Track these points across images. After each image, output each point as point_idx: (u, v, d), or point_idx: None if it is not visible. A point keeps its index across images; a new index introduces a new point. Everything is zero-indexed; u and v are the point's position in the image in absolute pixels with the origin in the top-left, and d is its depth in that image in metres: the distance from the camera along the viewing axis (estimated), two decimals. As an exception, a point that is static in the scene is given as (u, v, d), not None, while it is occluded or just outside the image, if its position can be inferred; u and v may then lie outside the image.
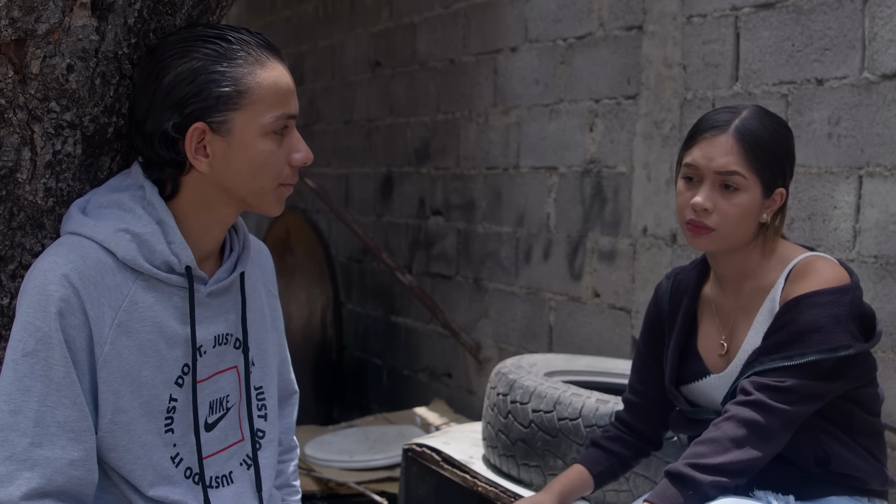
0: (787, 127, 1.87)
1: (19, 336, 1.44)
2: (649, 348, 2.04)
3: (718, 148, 1.81)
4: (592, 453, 2.06)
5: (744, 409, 1.74)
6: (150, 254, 1.50)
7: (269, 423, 1.70)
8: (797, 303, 1.76)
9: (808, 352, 1.73)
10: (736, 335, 1.88)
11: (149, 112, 1.49)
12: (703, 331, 1.94)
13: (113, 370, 1.47)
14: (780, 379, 1.73)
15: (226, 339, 1.61)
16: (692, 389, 1.94)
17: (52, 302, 1.43)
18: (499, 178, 4.07)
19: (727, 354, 1.89)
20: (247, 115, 1.48)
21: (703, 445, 1.74)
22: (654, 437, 2.09)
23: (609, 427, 2.11)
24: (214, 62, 1.47)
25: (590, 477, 2.02)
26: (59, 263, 1.45)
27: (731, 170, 1.79)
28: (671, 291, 2.00)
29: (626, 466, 2.08)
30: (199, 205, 1.54)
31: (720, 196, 1.80)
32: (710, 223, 1.80)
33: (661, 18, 3.22)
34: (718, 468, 1.72)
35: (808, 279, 1.78)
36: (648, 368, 2.04)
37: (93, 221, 1.48)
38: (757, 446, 1.73)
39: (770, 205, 1.83)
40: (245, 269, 1.64)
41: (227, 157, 1.50)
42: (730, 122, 1.83)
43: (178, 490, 1.54)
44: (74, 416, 1.44)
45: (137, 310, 1.49)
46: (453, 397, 4.38)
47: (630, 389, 2.09)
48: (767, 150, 1.81)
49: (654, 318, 2.04)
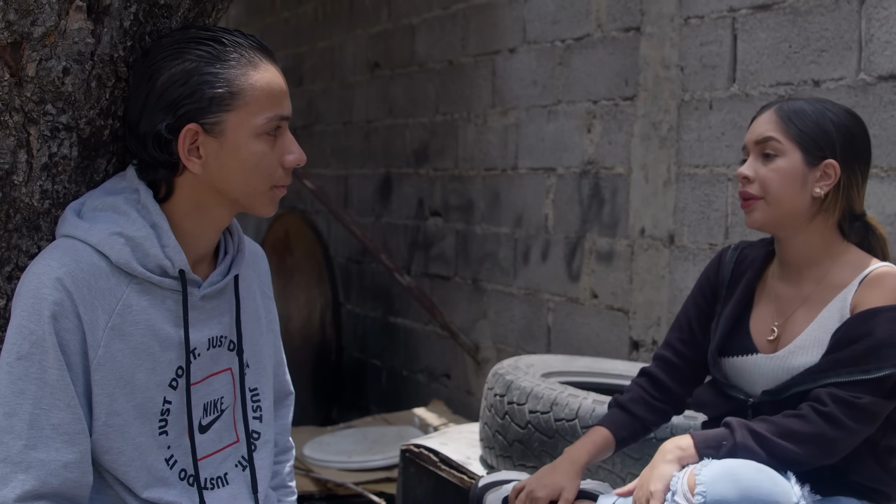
0: (850, 112, 1.89)
1: (14, 339, 1.44)
2: (698, 308, 2.05)
3: (759, 122, 1.89)
4: (617, 416, 2.04)
5: (816, 418, 1.75)
6: (143, 257, 1.50)
7: (264, 425, 1.70)
8: (875, 315, 1.77)
9: (885, 365, 1.75)
10: (793, 324, 1.89)
11: (142, 113, 1.50)
12: (758, 311, 1.96)
13: (107, 373, 1.48)
14: (857, 395, 1.75)
15: (220, 342, 1.62)
16: (734, 364, 1.94)
17: (46, 305, 1.43)
18: (497, 180, 4.08)
19: (777, 340, 1.90)
20: (240, 117, 1.49)
21: (765, 423, 1.77)
22: (680, 399, 2.07)
23: (633, 387, 2.08)
24: (207, 64, 1.48)
25: (613, 441, 2.01)
26: (53, 267, 1.45)
27: (766, 136, 1.85)
28: (736, 262, 2.02)
29: (646, 431, 2.07)
30: (193, 206, 1.54)
31: (761, 164, 1.86)
32: (753, 191, 1.86)
33: (659, 20, 3.23)
34: (766, 441, 1.74)
35: (883, 290, 1.79)
36: (692, 328, 2.04)
37: (87, 225, 1.49)
38: (813, 453, 1.75)
39: (822, 178, 1.84)
40: (239, 271, 1.64)
41: (220, 159, 1.50)
42: (777, 102, 1.90)
43: (172, 492, 1.55)
44: (69, 418, 1.45)
45: (131, 313, 1.49)
46: (452, 398, 4.38)
47: (666, 345, 2.08)
48: (808, 120, 1.84)
49: (713, 281, 2.04)
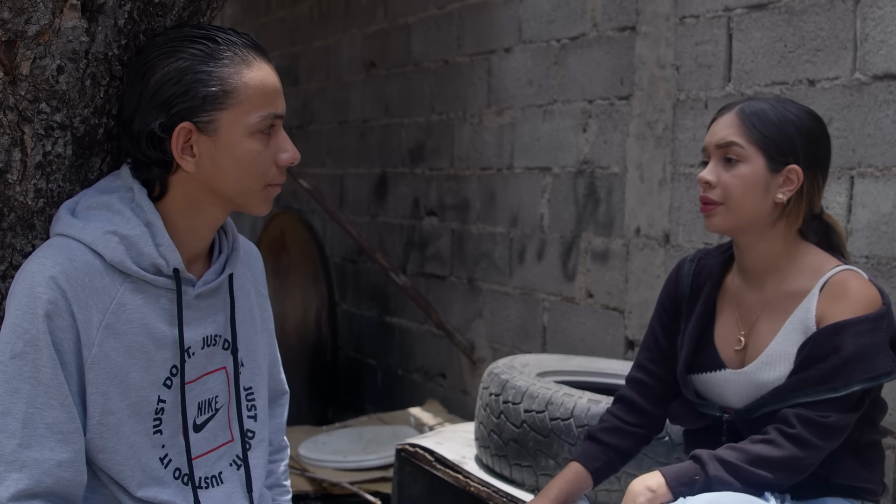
0: (811, 113, 1.86)
1: (7, 338, 1.44)
2: (663, 326, 2.02)
3: (720, 125, 1.85)
4: (588, 448, 2.01)
5: (784, 441, 1.74)
6: (137, 256, 1.50)
7: (258, 424, 1.70)
8: (840, 330, 1.74)
9: (853, 382, 1.73)
10: (757, 334, 1.87)
11: (136, 112, 1.50)
12: (722, 322, 1.93)
13: (100, 372, 1.48)
14: (825, 413, 1.74)
15: (214, 341, 1.62)
16: (704, 380, 1.91)
17: (40, 304, 1.43)
18: (493, 179, 4.08)
19: (744, 351, 1.87)
20: (233, 115, 1.49)
21: (734, 451, 1.75)
22: (658, 419, 2.04)
23: (605, 417, 2.05)
24: (201, 62, 1.48)
25: (587, 474, 1.98)
26: (47, 265, 1.45)
27: (728, 140, 1.82)
28: (694, 275, 1.98)
29: (626, 457, 2.03)
30: (187, 205, 1.54)
31: (723, 170, 1.83)
32: (715, 196, 1.82)
33: (654, 19, 3.23)
34: (738, 470, 1.72)
35: (846, 302, 1.76)
36: (660, 346, 2.01)
37: (81, 223, 1.49)
38: (786, 476, 1.74)
39: (785, 184, 1.82)
40: (234, 270, 1.64)
41: (214, 157, 1.50)
42: (738, 104, 1.86)
43: (167, 491, 1.54)
44: (63, 417, 1.45)
45: (125, 312, 1.49)
46: (447, 397, 4.38)
47: (637, 367, 2.05)
48: (770, 124, 1.81)
49: (673, 297, 2.01)
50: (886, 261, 2.52)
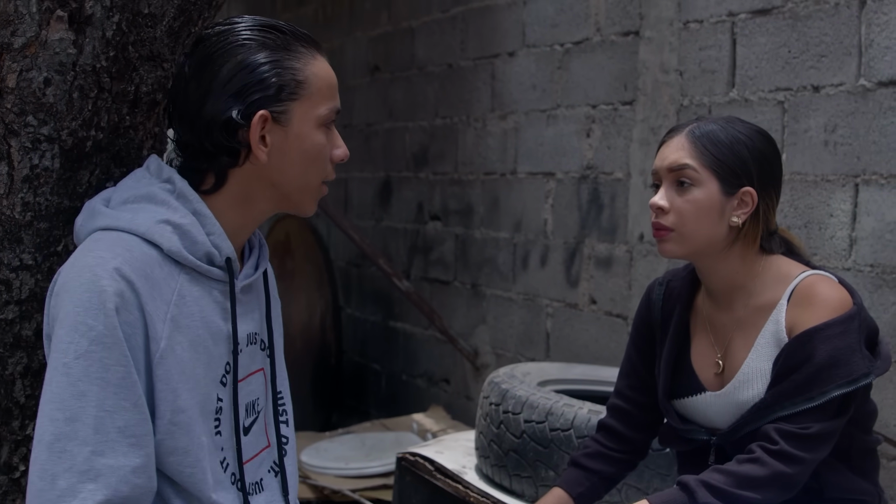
0: (761, 132, 1.82)
1: (69, 338, 1.33)
2: (640, 352, 1.99)
3: (671, 147, 1.80)
4: (571, 474, 1.99)
5: (769, 459, 1.69)
6: (192, 245, 1.44)
7: (290, 429, 1.64)
8: (810, 338, 1.71)
9: (829, 388, 1.69)
10: (733, 354, 1.83)
11: (205, 101, 1.44)
12: (697, 345, 1.89)
13: (169, 367, 1.39)
14: (805, 425, 1.70)
15: (255, 339, 1.56)
16: (685, 405, 1.89)
17: (108, 297, 1.33)
18: (496, 184, 4.05)
19: (723, 373, 1.84)
20: (304, 106, 1.46)
21: (721, 474, 1.71)
22: (641, 445, 2.02)
23: (589, 442, 2.03)
24: (273, 52, 1.45)
25: (569, 499, 1.96)
26: (107, 258, 1.35)
27: (681, 163, 1.77)
28: (664, 299, 1.95)
29: (609, 483, 2.01)
30: (242, 199, 1.49)
31: (676, 194, 1.78)
32: (668, 223, 1.78)
33: (658, 24, 3.20)
34: (727, 495, 1.69)
35: (814, 308, 1.72)
36: (638, 373, 1.99)
37: (129, 215, 1.42)
38: (775, 494, 1.70)
39: (740, 206, 1.78)
40: (266, 266, 1.60)
41: (284, 149, 1.46)
42: (686, 126, 1.81)
43: (229, 496, 1.47)
44: (135, 419, 1.35)
45: (185, 304, 1.42)
46: (451, 403, 4.36)
47: (616, 394, 2.03)
48: (723, 146, 1.76)
49: (646, 322, 1.98)
50: (892, 269, 2.48)
